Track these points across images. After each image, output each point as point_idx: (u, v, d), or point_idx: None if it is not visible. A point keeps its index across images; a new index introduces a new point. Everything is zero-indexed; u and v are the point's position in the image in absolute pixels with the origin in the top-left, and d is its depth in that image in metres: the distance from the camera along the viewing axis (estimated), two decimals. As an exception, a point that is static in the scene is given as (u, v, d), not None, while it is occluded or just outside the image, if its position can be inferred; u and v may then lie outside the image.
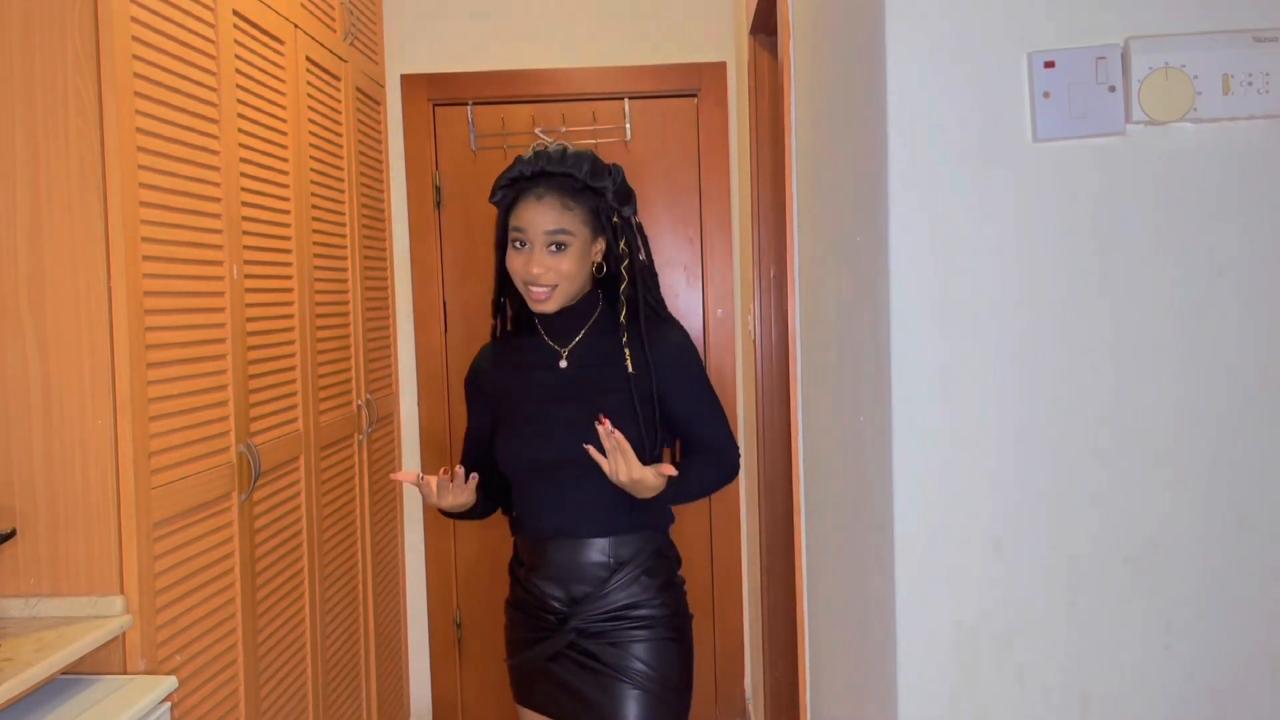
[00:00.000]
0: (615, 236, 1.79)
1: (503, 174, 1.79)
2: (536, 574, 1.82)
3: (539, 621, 1.83)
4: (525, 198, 1.76)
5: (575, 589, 1.79)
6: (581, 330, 1.82)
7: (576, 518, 1.78)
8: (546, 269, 1.74)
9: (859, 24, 1.17)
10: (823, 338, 1.51)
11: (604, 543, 1.78)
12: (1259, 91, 1.03)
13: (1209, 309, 1.05)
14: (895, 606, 1.09)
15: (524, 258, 1.75)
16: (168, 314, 1.78)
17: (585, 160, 1.76)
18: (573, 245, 1.75)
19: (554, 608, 1.80)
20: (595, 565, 1.78)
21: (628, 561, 1.78)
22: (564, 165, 1.75)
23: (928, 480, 1.08)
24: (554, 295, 1.76)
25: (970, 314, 1.07)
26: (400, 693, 3.23)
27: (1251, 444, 1.06)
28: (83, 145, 1.61)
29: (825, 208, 1.45)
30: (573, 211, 1.75)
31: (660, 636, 1.79)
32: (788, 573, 2.44)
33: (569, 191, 1.75)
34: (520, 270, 1.76)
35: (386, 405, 3.09)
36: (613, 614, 1.78)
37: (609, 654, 1.77)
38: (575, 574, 1.79)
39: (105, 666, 1.65)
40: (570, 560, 1.79)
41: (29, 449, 1.64)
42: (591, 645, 1.78)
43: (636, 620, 1.78)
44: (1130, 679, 1.08)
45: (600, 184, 1.76)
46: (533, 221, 1.74)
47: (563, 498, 1.79)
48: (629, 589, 1.78)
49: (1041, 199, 1.06)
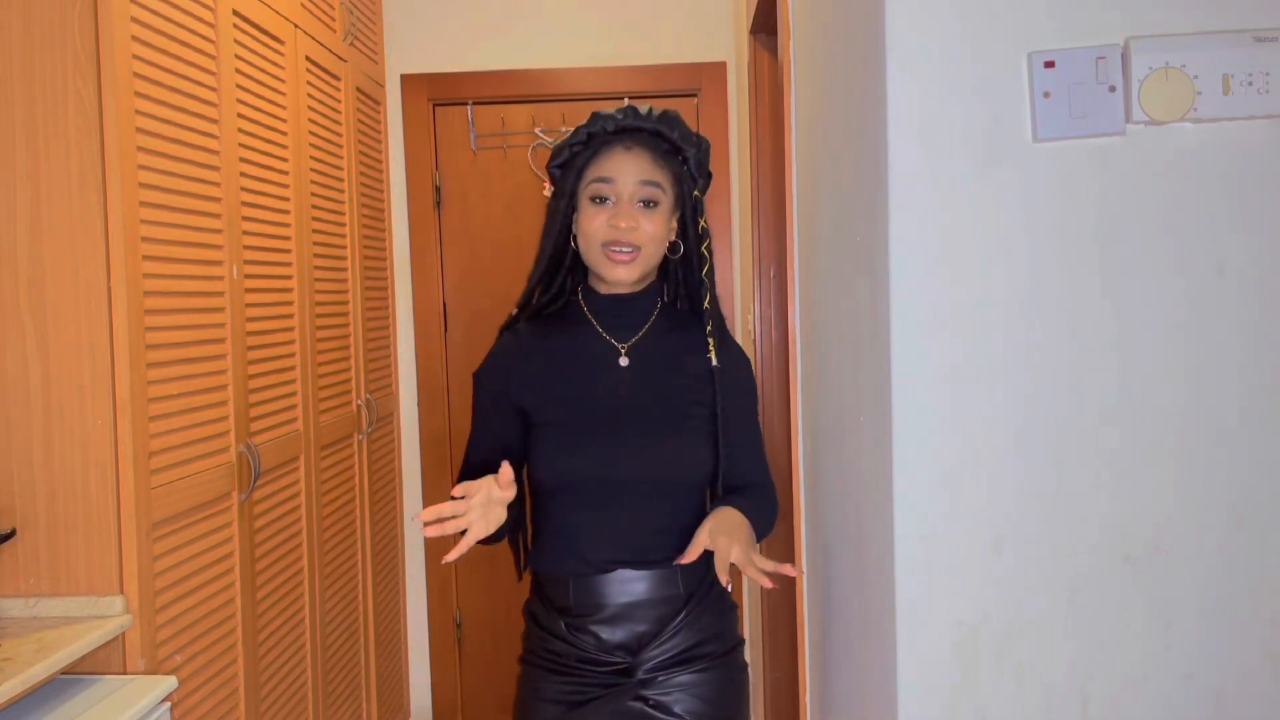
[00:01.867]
0: (694, 212, 1.57)
1: (576, 129, 1.55)
2: (590, 618, 1.50)
3: (587, 679, 1.51)
4: (610, 149, 1.52)
5: (640, 630, 1.50)
6: (644, 325, 1.58)
7: (644, 544, 1.50)
8: (637, 224, 1.50)
9: (859, 24, 1.17)
10: (823, 338, 1.51)
11: (673, 573, 1.50)
12: (1259, 91, 1.03)
13: (1209, 309, 1.05)
14: (895, 606, 1.09)
15: (607, 213, 1.51)
16: (168, 314, 1.78)
17: (676, 119, 1.55)
18: (662, 205, 1.53)
19: (614, 658, 1.50)
20: (664, 600, 1.50)
21: (695, 593, 1.52)
22: (654, 121, 1.53)
23: (928, 480, 1.08)
24: (638, 259, 1.51)
25: (970, 314, 1.07)
26: (400, 693, 3.23)
27: (1251, 444, 1.06)
28: (83, 145, 1.61)
29: (825, 208, 1.45)
30: (662, 170, 1.53)
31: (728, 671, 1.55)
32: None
33: (658, 150, 1.54)
34: (601, 227, 1.50)
35: (386, 405, 3.09)
36: (681, 655, 1.51)
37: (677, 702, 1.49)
38: (641, 613, 1.50)
39: (105, 667, 1.65)
40: (636, 596, 1.50)
41: (29, 449, 1.64)
42: (655, 694, 1.49)
43: (704, 659, 1.52)
44: (1130, 679, 1.08)
45: (688, 148, 1.55)
46: (623, 170, 1.50)
47: (627, 522, 1.50)
48: (698, 624, 1.52)
49: (1042, 199, 1.06)
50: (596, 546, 1.51)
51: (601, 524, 1.51)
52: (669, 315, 1.62)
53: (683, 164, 1.57)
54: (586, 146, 1.54)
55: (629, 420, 1.52)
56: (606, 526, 1.51)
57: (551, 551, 1.55)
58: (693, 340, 1.59)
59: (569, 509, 1.53)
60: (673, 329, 1.60)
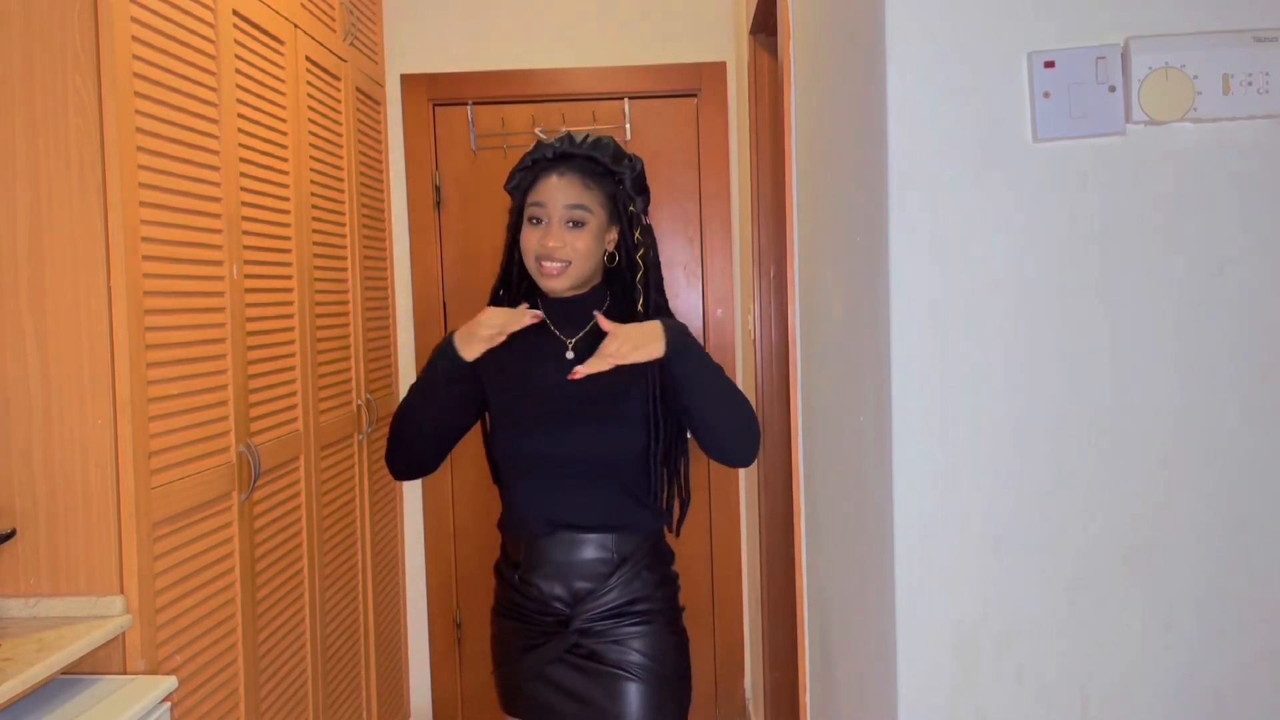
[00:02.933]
0: (630, 226, 1.80)
1: (523, 157, 1.79)
2: (535, 573, 1.78)
3: (536, 625, 1.79)
4: (545, 176, 1.76)
5: (577, 586, 1.76)
6: (589, 323, 1.80)
7: (581, 513, 1.76)
8: (563, 243, 1.73)
9: (859, 24, 1.17)
10: (823, 338, 1.51)
11: (608, 538, 1.76)
12: (1259, 91, 1.03)
13: (1209, 308, 1.05)
14: (895, 606, 1.09)
15: (540, 232, 1.75)
16: (168, 314, 1.78)
17: (608, 145, 1.78)
18: (590, 224, 1.75)
19: (555, 609, 1.77)
20: (598, 561, 1.75)
21: (629, 557, 1.76)
22: (587, 148, 1.76)
23: (928, 480, 1.08)
24: (566, 272, 1.74)
25: (970, 314, 1.07)
26: (400, 693, 3.23)
27: (1251, 444, 1.06)
28: (83, 145, 1.61)
29: (825, 208, 1.45)
30: (592, 191, 1.76)
31: (660, 629, 1.78)
32: (788, 573, 2.44)
33: (590, 173, 1.76)
34: (535, 245, 1.75)
35: (386, 405, 3.09)
36: (614, 610, 1.76)
37: (611, 651, 1.75)
38: (577, 570, 1.76)
39: (105, 666, 1.65)
40: (572, 556, 1.76)
41: (29, 449, 1.64)
42: (591, 644, 1.75)
43: (636, 615, 1.76)
44: (1130, 679, 1.08)
45: (620, 169, 1.77)
46: (553, 196, 1.74)
47: (567, 492, 1.76)
48: (630, 585, 1.76)
49: (1042, 199, 1.06)
50: (543, 512, 1.77)
51: (546, 493, 1.77)
52: (614, 311, 1.81)
53: (618, 184, 1.79)
54: (530, 171, 1.78)
55: (569, 405, 1.75)
56: (550, 496, 1.77)
57: (508, 515, 1.83)
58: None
59: (520, 480, 1.80)
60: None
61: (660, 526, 1.84)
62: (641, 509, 1.78)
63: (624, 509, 1.77)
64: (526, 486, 1.79)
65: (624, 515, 1.77)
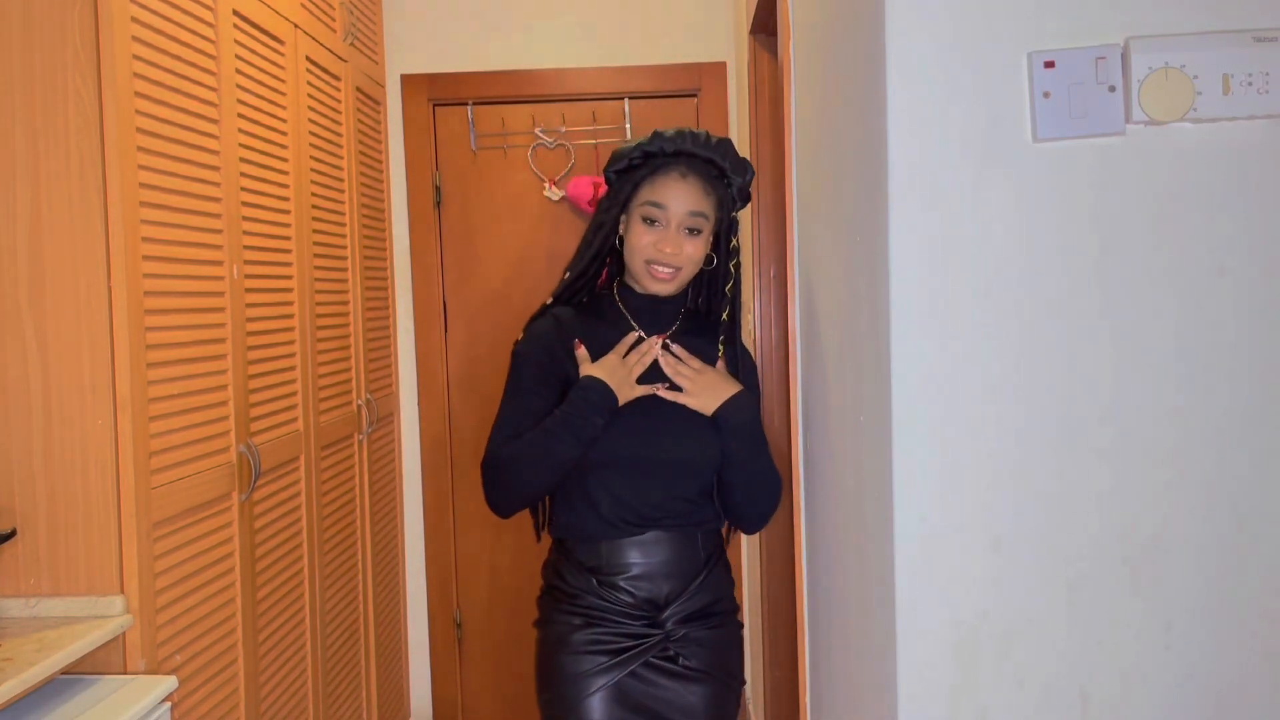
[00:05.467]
0: (729, 232, 1.74)
1: (636, 143, 1.70)
2: (621, 576, 1.69)
3: (621, 629, 1.69)
4: (667, 173, 1.68)
5: (665, 588, 1.70)
6: (673, 324, 1.76)
7: (673, 511, 1.70)
8: (679, 250, 1.67)
9: (859, 24, 1.17)
10: (823, 338, 1.51)
11: (697, 535, 1.72)
12: (1259, 91, 1.03)
13: (1209, 308, 1.05)
14: (895, 606, 1.09)
15: (656, 235, 1.68)
16: (168, 314, 1.78)
17: (729, 148, 1.71)
18: (705, 231, 1.69)
19: (643, 611, 1.69)
20: (689, 561, 1.71)
21: (713, 555, 1.74)
22: (710, 149, 1.68)
23: (928, 480, 1.08)
24: (676, 278, 1.70)
25: (970, 314, 1.07)
26: (400, 693, 3.23)
27: (1251, 444, 1.06)
28: (83, 145, 1.61)
29: (825, 208, 1.45)
30: (710, 198, 1.69)
31: (733, 628, 1.77)
32: (788, 573, 2.44)
33: (709, 177, 1.69)
34: (649, 247, 1.68)
35: (386, 405, 3.09)
36: (701, 611, 1.72)
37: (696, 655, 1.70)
38: (666, 571, 1.70)
39: (105, 666, 1.65)
40: (664, 557, 1.70)
41: (29, 449, 1.64)
42: (676, 647, 1.70)
43: (717, 615, 1.74)
44: (1130, 679, 1.08)
45: (737, 178, 1.71)
46: (675, 199, 1.67)
47: (660, 491, 1.69)
48: (713, 584, 1.73)
49: (1042, 199, 1.06)
50: (624, 513, 1.69)
51: (635, 493, 1.69)
52: (693, 318, 1.79)
53: (728, 188, 1.72)
54: (644, 162, 1.70)
55: (661, 404, 1.70)
56: (639, 496, 1.69)
57: (581, 518, 1.72)
58: (710, 342, 1.77)
59: (607, 480, 1.69)
60: (694, 330, 1.78)
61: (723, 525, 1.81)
62: (712, 508, 1.75)
63: (705, 508, 1.73)
64: (614, 486, 1.69)
65: (703, 514, 1.73)
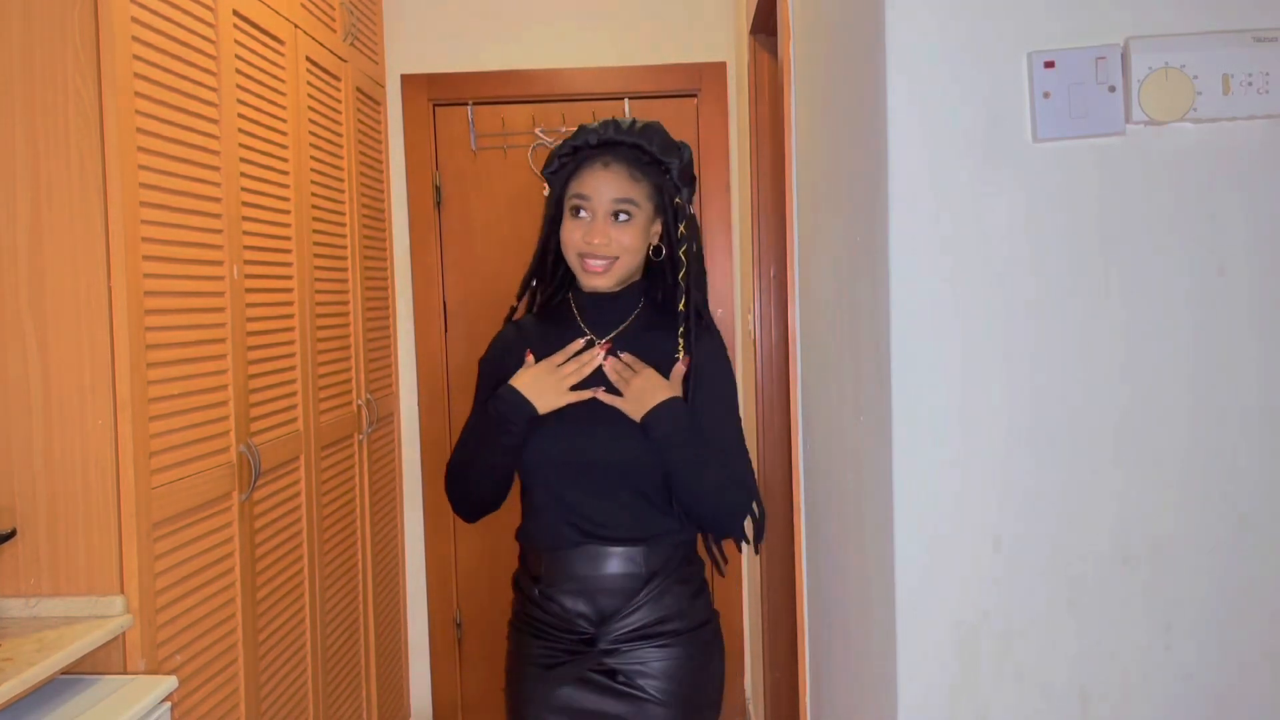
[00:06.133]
0: (675, 219, 1.68)
1: (564, 142, 1.67)
2: (557, 588, 1.65)
3: (557, 643, 1.66)
4: (590, 165, 1.65)
5: (603, 603, 1.63)
6: (624, 321, 1.71)
7: (608, 523, 1.63)
8: (609, 239, 1.63)
9: (859, 24, 1.17)
10: (823, 338, 1.51)
11: (636, 551, 1.63)
12: (1259, 91, 1.03)
13: (1209, 309, 1.05)
14: (895, 606, 1.09)
15: (584, 226, 1.64)
16: (168, 314, 1.78)
17: (656, 132, 1.66)
18: (637, 217, 1.64)
19: (579, 626, 1.64)
20: (626, 576, 1.63)
21: (659, 571, 1.64)
22: (634, 135, 1.64)
23: (928, 480, 1.08)
24: (612, 269, 1.64)
25: (970, 314, 1.07)
26: (400, 693, 3.23)
27: (1252, 444, 1.06)
28: (83, 145, 1.61)
29: (825, 207, 1.45)
30: (640, 184, 1.64)
31: (693, 650, 1.66)
32: (788, 573, 2.44)
33: (636, 163, 1.65)
34: (578, 240, 1.64)
35: (386, 405, 3.09)
36: (641, 631, 1.63)
37: (634, 673, 1.62)
38: (603, 586, 1.63)
39: (105, 666, 1.65)
40: (598, 570, 1.63)
41: (29, 449, 1.64)
42: (616, 663, 1.63)
43: (665, 635, 1.64)
44: (1130, 679, 1.08)
45: (669, 159, 1.65)
46: (598, 188, 1.63)
47: (593, 502, 1.64)
48: (660, 601, 1.64)
49: (1042, 199, 1.06)
50: (566, 523, 1.65)
51: (571, 502, 1.65)
52: (651, 313, 1.73)
53: (665, 174, 1.67)
54: (572, 158, 1.67)
55: (600, 408, 1.64)
56: (576, 505, 1.64)
57: (530, 526, 1.71)
58: (670, 336, 1.70)
59: (545, 488, 1.67)
60: (651, 326, 1.72)
61: (691, 537, 1.71)
62: (672, 519, 1.66)
63: (652, 520, 1.65)
64: (551, 494, 1.66)
65: (652, 526, 1.65)
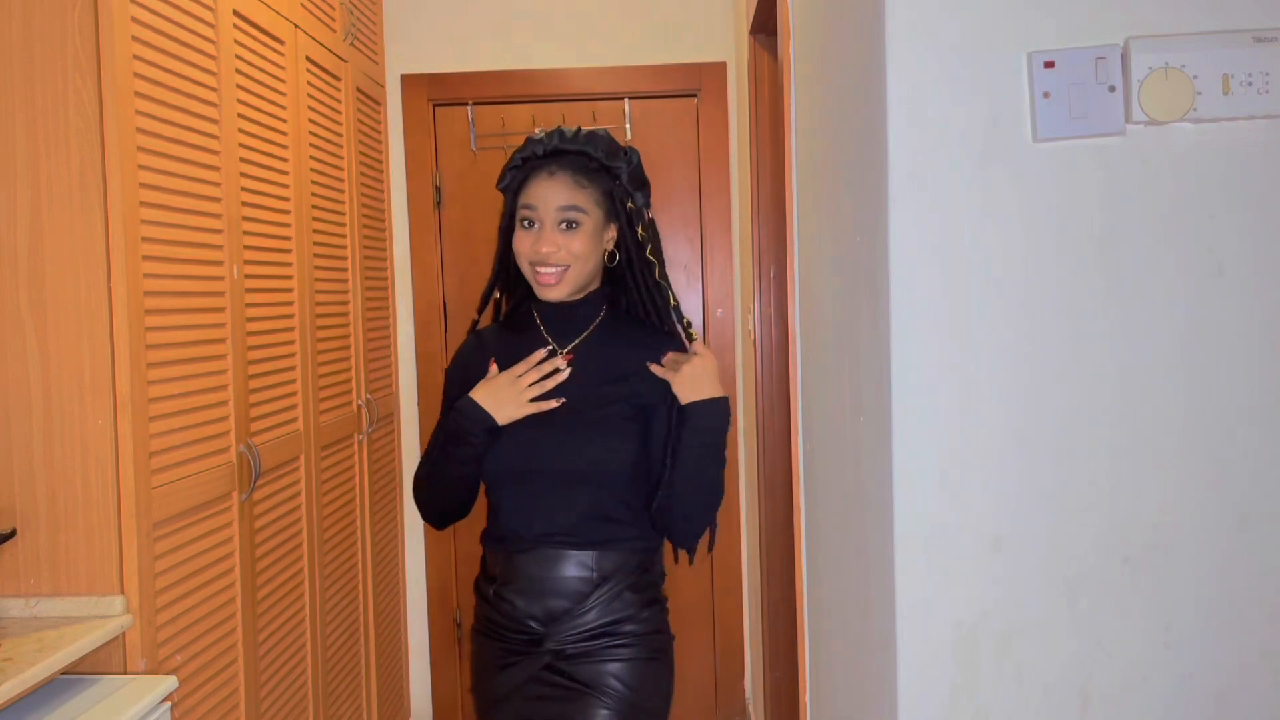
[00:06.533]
0: (630, 223, 1.70)
1: (513, 155, 1.70)
2: (509, 588, 1.68)
3: (510, 644, 1.69)
4: (536, 175, 1.67)
5: (552, 604, 1.66)
6: (586, 330, 1.72)
7: (562, 528, 1.66)
8: (557, 247, 1.64)
9: (859, 24, 1.17)
10: (823, 338, 1.51)
11: (587, 555, 1.66)
12: (1259, 91, 1.03)
13: (1209, 308, 1.05)
14: (895, 606, 1.09)
15: (532, 237, 1.66)
16: (168, 314, 1.78)
17: (602, 139, 1.68)
18: (585, 224, 1.65)
19: (529, 627, 1.66)
20: (576, 580, 1.65)
21: (610, 576, 1.66)
22: (578, 143, 1.66)
23: (928, 480, 1.08)
24: (565, 278, 1.66)
25: (970, 314, 1.07)
26: (400, 693, 3.23)
27: (1251, 444, 1.06)
28: (83, 145, 1.61)
29: (825, 207, 1.45)
30: (586, 190, 1.66)
31: (640, 655, 1.67)
32: (788, 573, 2.44)
33: (583, 170, 1.67)
34: (528, 250, 1.66)
35: (386, 405, 3.09)
36: (592, 632, 1.65)
37: (585, 672, 1.64)
38: (554, 588, 1.65)
39: (105, 666, 1.65)
40: (550, 573, 1.66)
41: (29, 449, 1.64)
42: (567, 666, 1.65)
43: (618, 638, 1.66)
44: (1130, 679, 1.08)
45: (615, 164, 1.67)
46: (544, 198, 1.65)
47: (548, 506, 1.66)
48: (610, 605, 1.66)
49: (1042, 199, 1.06)
50: (522, 526, 1.67)
51: (528, 506, 1.67)
52: (614, 321, 1.75)
53: (614, 179, 1.69)
54: (521, 170, 1.69)
55: (558, 416, 1.67)
56: (532, 508, 1.67)
57: (490, 528, 1.74)
58: (634, 343, 1.72)
59: (502, 493, 1.70)
60: (615, 334, 1.73)
61: (653, 546, 1.73)
62: (629, 526, 1.68)
63: (607, 527, 1.66)
64: (510, 498, 1.69)
65: (608, 531, 1.66)
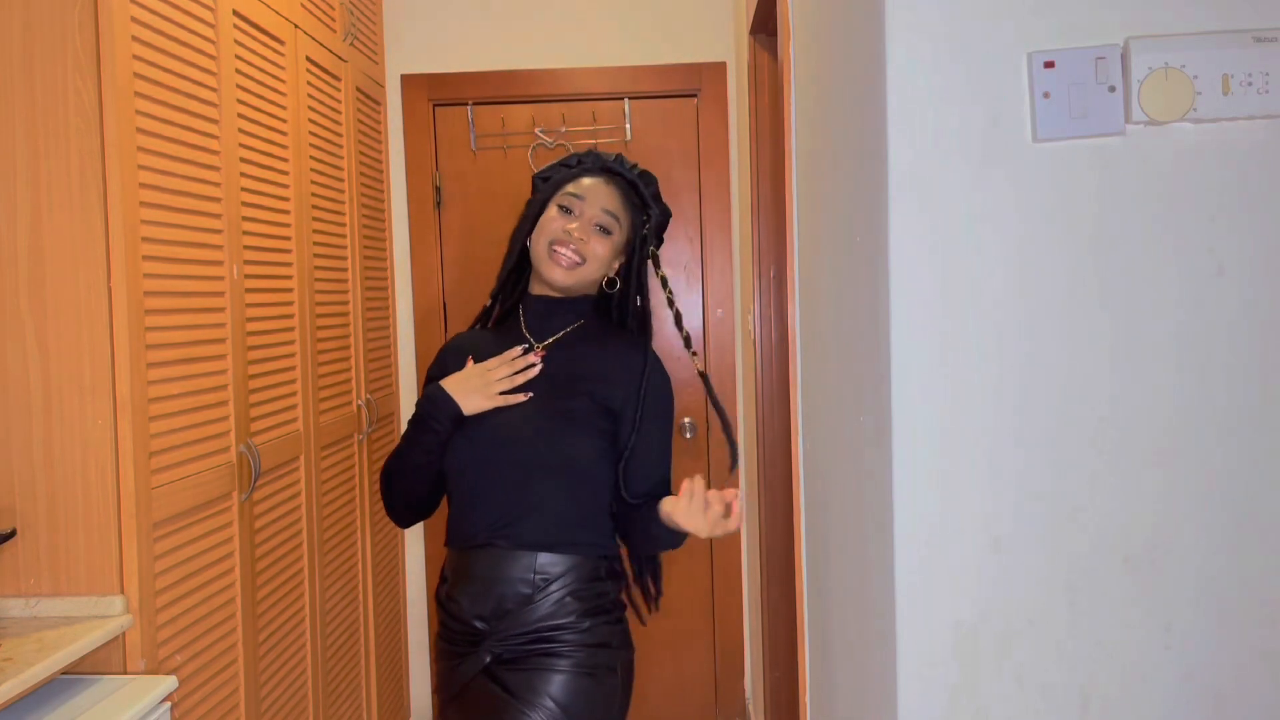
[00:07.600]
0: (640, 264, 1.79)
1: (569, 156, 1.79)
2: (458, 589, 1.68)
3: (457, 645, 1.69)
4: (591, 174, 1.76)
5: (496, 605, 1.65)
6: (565, 329, 1.76)
7: (511, 526, 1.65)
8: (587, 238, 1.71)
9: (859, 24, 1.17)
10: (823, 338, 1.51)
11: (532, 558, 1.64)
12: (1259, 91, 1.03)
13: (1208, 309, 1.05)
14: (895, 606, 1.09)
15: (568, 220, 1.72)
16: (168, 314, 1.78)
17: (652, 179, 1.80)
18: (615, 237, 1.74)
19: (474, 627, 1.66)
20: (520, 581, 1.64)
21: (554, 580, 1.64)
22: (633, 174, 1.78)
23: (928, 480, 1.08)
24: (577, 270, 1.72)
25: (970, 314, 1.07)
26: (400, 693, 3.23)
27: (1251, 444, 1.06)
28: (83, 145, 1.61)
29: (825, 208, 1.45)
30: (625, 213, 1.76)
31: (574, 670, 1.63)
32: (788, 573, 2.44)
33: (627, 196, 1.77)
34: (558, 229, 1.71)
35: (386, 405, 3.09)
36: (529, 637, 1.63)
37: (515, 680, 1.61)
38: (498, 589, 1.64)
39: (105, 666, 1.65)
40: (494, 573, 1.65)
41: (29, 449, 1.64)
42: (501, 671, 1.63)
43: (556, 648, 1.63)
44: (1130, 679, 1.08)
45: (653, 209, 1.78)
46: (594, 194, 1.73)
47: (505, 505, 1.66)
48: (550, 610, 1.63)
49: (1041, 199, 1.06)
50: (474, 523, 1.68)
51: (484, 505, 1.67)
52: (593, 327, 1.78)
53: (645, 220, 1.78)
54: (574, 169, 1.77)
55: (520, 406, 1.68)
56: (487, 507, 1.67)
57: (449, 525, 1.75)
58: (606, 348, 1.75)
59: (459, 486, 1.71)
60: (592, 339, 1.76)
61: (608, 554, 1.72)
62: (583, 530, 1.67)
63: (560, 530, 1.65)
64: (466, 493, 1.70)
65: (559, 534, 1.65)
